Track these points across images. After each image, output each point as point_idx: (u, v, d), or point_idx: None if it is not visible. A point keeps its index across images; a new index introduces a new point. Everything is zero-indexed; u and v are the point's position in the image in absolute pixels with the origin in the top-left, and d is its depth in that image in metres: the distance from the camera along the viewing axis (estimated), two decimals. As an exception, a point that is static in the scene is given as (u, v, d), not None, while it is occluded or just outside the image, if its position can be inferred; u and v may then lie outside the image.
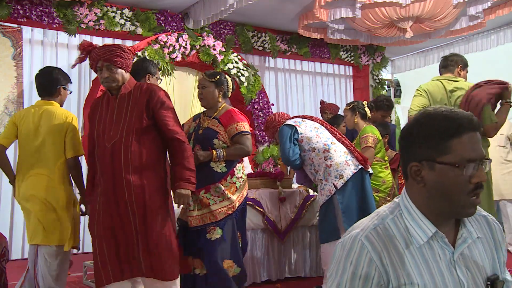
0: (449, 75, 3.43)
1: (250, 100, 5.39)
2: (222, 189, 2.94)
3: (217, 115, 3.06)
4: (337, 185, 3.28)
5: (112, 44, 2.66)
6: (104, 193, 2.48)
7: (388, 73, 7.43)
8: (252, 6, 4.66)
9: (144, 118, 2.48)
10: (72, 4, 4.53)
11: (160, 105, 2.52)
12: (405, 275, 1.10)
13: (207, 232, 2.90)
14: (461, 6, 4.56)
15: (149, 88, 2.55)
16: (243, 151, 3.02)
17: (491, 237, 1.23)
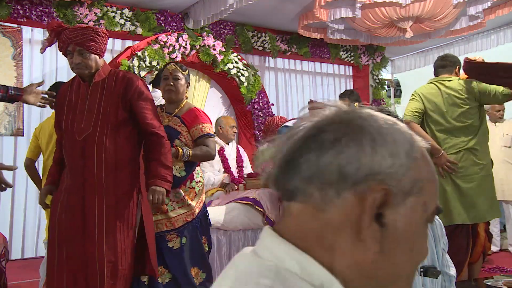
0: (446, 76, 3.41)
1: (250, 100, 5.39)
2: (182, 194, 2.76)
3: (179, 112, 2.84)
4: None
5: (85, 26, 2.46)
6: (70, 191, 2.27)
7: (388, 73, 7.43)
8: (252, 6, 4.66)
9: (120, 110, 2.27)
10: (72, 4, 4.53)
11: (138, 96, 2.31)
12: None
13: (168, 240, 2.72)
14: (461, 6, 4.56)
15: (126, 76, 2.34)
16: (210, 155, 2.84)
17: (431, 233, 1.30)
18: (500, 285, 2.35)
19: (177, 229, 2.72)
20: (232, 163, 4.49)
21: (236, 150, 4.64)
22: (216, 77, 5.36)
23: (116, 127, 2.27)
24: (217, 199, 4.19)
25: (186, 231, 2.74)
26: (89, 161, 2.24)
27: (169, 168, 2.34)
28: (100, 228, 2.23)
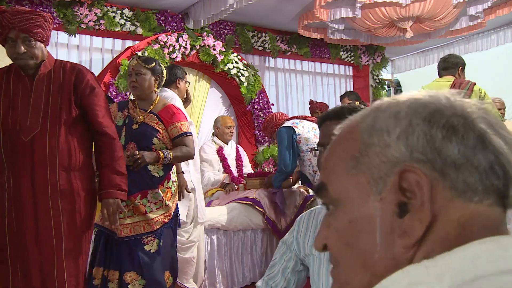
0: (450, 77, 3.40)
1: (250, 100, 5.39)
2: (161, 195, 2.62)
3: (154, 109, 2.70)
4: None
5: (29, 9, 2.09)
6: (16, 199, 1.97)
7: (388, 73, 7.43)
8: (252, 6, 4.66)
9: (73, 106, 2.03)
10: (72, 4, 4.52)
11: (90, 91, 2.06)
12: (309, 247, 1.40)
13: (145, 244, 2.56)
14: (461, 6, 4.56)
15: (75, 68, 2.07)
16: (190, 155, 2.73)
17: None
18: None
19: (155, 231, 2.59)
20: (231, 163, 4.50)
21: (235, 150, 4.64)
22: (216, 77, 5.36)
23: (69, 125, 2.02)
24: (217, 199, 4.19)
25: (162, 233, 2.62)
26: (40, 164, 1.97)
27: (123, 175, 2.12)
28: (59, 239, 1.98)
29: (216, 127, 4.59)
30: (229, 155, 4.50)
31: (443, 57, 3.59)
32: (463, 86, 3.24)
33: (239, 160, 4.58)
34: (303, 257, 1.43)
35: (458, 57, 3.52)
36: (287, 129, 3.51)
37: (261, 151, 5.22)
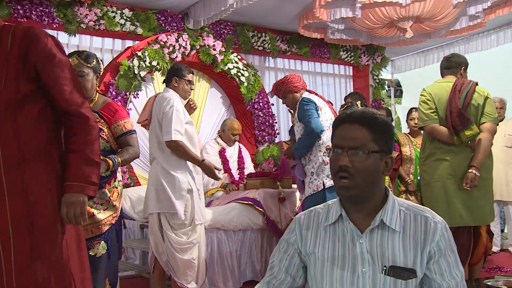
0: (451, 77, 3.39)
1: (250, 100, 5.39)
2: (107, 195, 2.48)
3: (94, 107, 2.52)
4: (326, 184, 3.29)
5: None
6: None
7: (388, 73, 7.43)
8: (252, 6, 4.66)
9: (22, 80, 1.58)
10: (72, 4, 4.53)
11: (48, 59, 1.61)
12: (311, 246, 1.40)
13: (90, 248, 2.37)
14: (461, 6, 4.56)
15: (28, 32, 1.60)
16: (136, 155, 2.62)
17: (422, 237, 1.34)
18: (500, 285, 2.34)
19: (103, 234, 2.43)
20: (233, 165, 4.49)
21: (238, 151, 4.63)
22: (216, 77, 5.36)
23: (17, 106, 1.57)
24: (217, 199, 4.19)
25: (109, 235, 2.47)
26: None
27: (95, 164, 1.66)
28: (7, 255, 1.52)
29: (222, 130, 4.59)
30: (231, 157, 4.49)
31: (446, 56, 3.57)
32: (465, 87, 3.23)
33: (241, 162, 4.57)
34: (304, 255, 1.43)
35: (461, 57, 3.50)
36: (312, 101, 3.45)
37: (261, 151, 5.22)
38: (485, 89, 3.28)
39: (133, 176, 4.50)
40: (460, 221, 3.19)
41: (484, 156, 3.15)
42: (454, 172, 3.20)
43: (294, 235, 1.45)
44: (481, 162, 3.14)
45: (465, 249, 3.22)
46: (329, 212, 1.42)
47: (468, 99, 3.20)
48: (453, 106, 3.19)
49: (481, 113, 3.22)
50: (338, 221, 1.39)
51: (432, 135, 3.28)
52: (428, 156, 3.33)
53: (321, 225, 1.42)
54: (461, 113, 3.15)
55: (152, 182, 3.16)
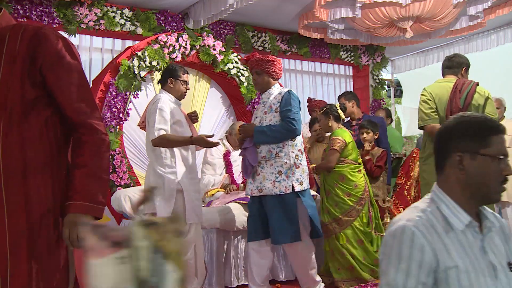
0: (452, 77, 3.39)
1: (250, 100, 5.38)
2: None
3: None
4: (296, 187, 3.21)
5: None
6: None
7: (388, 73, 7.43)
8: (252, 6, 4.66)
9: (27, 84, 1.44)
10: (72, 4, 4.52)
11: (56, 62, 1.47)
12: (449, 259, 1.27)
13: None
14: (461, 6, 4.56)
15: (38, 32, 1.47)
16: None
17: (501, 231, 1.41)
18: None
19: None
20: (236, 169, 4.46)
21: (243, 155, 4.60)
22: (216, 77, 5.36)
23: (22, 113, 1.44)
24: (217, 199, 4.19)
25: None
26: None
27: (102, 181, 1.52)
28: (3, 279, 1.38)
29: (229, 133, 4.59)
30: (235, 161, 4.47)
31: (448, 56, 3.57)
32: (466, 87, 3.23)
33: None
34: (441, 271, 1.27)
35: (463, 57, 3.50)
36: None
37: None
38: (486, 90, 3.28)
39: (133, 176, 4.50)
40: None
41: None
42: None
43: (428, 252, 1.26)
44: None
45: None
46: (449, 219, 1.33)
47: (469, 99, 3.20)
48: (453, 106, 3.19)
49: (481, 113, 3.22)
50: (466, 228, 1.34)
51: (432, 134, 3.28)
52: (429, 156, 3.34)
53: (445, 235, 1.31)
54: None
55: (145, 183, 3.26)
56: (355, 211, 3.71)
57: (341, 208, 3.71)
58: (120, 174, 4.32)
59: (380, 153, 4.21)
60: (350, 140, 3.81)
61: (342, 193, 3.71)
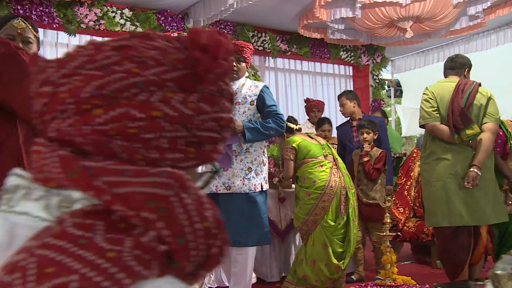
0: (455, 78, 3.40)
1: (250, 100, 5.39)
2: None
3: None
4: (264, 186, 3.13)
5: None
6: None
7: (388, 73, 7.43)
8: (252, 6, 4.66)
9: None
10: (72, 4, 4.53)
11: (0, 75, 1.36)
12: None
13: None
14: (461, 6, 4.56)
15: None
16: None
17: None
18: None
19: None
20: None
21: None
22: (216, 77, 5.37)
23: None
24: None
25: None
26: None
27: None
28: None
29: None
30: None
31: (450, 56, 3.57)
32: (468, 87, 3.23)
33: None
34: None
35: (465, 58, 3.51)
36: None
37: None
38: (488, 90, 3.29)
39: (133, 176, 4.51)
40: (459, 221, 3.19)
41: (485, 156, 3.16)
42: (455, 171, 3.20)
43: None
44: (482, 162, 3.14)
45: (465, 248, 3.22)
46: None
47: (471, 99, 3.20)
48: (455, 106, 3.19)
49: (483, 113, 3.23)
50: None
51: (433, 133, 3.29)
52: (429, 155, 3.34)
53: None
54: (463, 112, 3.15)
55: None
56: (319, 208, 3.45)
57: (304, 209, 3.50)
58: (120, 174, 4.33)
59: (379, 154, 4.07)
60: (298, 141, 3.68)
61: (304, 194, 3.53)
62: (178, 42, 0.54)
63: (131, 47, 0.50)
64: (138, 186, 0.44)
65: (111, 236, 0.43)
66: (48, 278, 0.39)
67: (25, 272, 0.40)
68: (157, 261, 0.43)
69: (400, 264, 4.43)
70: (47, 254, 0.41)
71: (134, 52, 0.50)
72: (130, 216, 0.44)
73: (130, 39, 0.52)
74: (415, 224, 4.56)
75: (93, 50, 0.50)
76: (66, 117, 0.48)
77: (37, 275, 0.40)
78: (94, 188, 0.44)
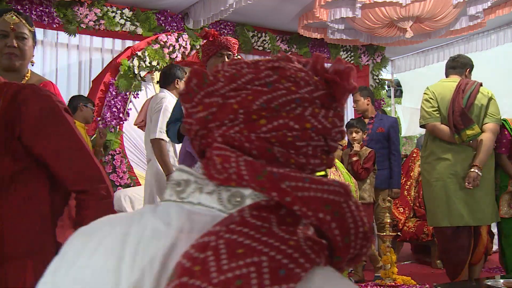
0: (456, 77, 3.40)
1: (250, 100, 5.39)
2: None
3: None
4: None
5: None
6: None
7: (388, 73, 7.43)
8: (252, 6, 4.66)
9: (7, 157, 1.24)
10: (72, 4, 4.52)
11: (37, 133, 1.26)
12: None
13: None
14: (461, 6, 4.56)
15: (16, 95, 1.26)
16: None
17: None
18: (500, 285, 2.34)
19: None
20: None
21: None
22: (216, 77, 5.36)
23: (4, 189, 1.25)
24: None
25: None
26: None
27: None
28: None
29: None
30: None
31: (452, 56, 3.58)
32: (469, 87, 3.23)
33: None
34: None
35: (467, 58, 3.51)
36: None
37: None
38: (489, 90, 3.29)
39: (133, 176, 4.50)
40: (460, 221, 3.18)
41: (485, 156, 3.16)
42: (455, 171, 3.20)
43: None
44: (483, 162, 3.14)
45: (465, 248, 3.22)
46: None
47: (472, 99, 3.20)
48: (456, 105, 3.19)
49: (484, 113, 3.22)
50: None
51: (433, 133, 3.29)
52: (429, 155, 3.34)
53: None
54: (464, 112, 3.15)
55: (147, 183, 3.19)
56: None
57: None
58: (120, 174, 4.32)
59: (368, 153, 4.01)
60: None
61: None
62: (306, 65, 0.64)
63: (283, 68, 0.60)
64: (317, 191, 0.53)
65: (285, 227, 0.51)
66: (240, 257, 0.47)
67: (217, 251, 0.48)
68: (323, 252, 0.51)
69: (400, 264, 4.42)
70: (235, 238, 0.49)
71: (288, 73, 0.60)
72: (308, 216, 0.52)
73: (279, 61, 0.62)
74: (415, 224, 4.55)
75: (253, 69, 0.60)
76: (234, 125, 0.57)
77: (229, 254, 0.48)
78: (280, 190, 0.52)
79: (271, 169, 0.54)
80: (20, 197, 1.26)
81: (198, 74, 0.61)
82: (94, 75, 4.79)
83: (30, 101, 1.25)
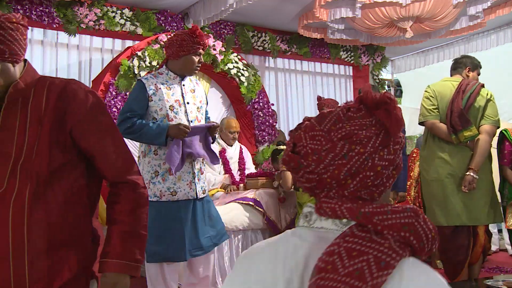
0: (458, 77, 3.41)
1: (250, 100, 5.39)
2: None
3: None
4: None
5: None
6: None
7: (388, 73, 7.43)
8: (252, 6, 4.66)
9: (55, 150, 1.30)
10: (72, 4, 4.53)
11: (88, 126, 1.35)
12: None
13: None
14: (461, 6, 4.56)
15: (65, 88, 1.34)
16: None
17: None
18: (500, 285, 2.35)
19: None
20: (233, 166, 4.47)
21: (239, 151, 4.62)
22: (216, 77, 5.36)
23: (48, 182, 1.29)
24: (217, 199, 4.19)
25: None
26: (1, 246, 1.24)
27: (140, 237, 1.40)
28: None
29: (220, 129, 4.57)
30: (231, 157, 4.48)
31: (456, 57, 3.63)
32: (470, 87, 3.24)
33: (242, 163, 4.56)
34: None
35: (468, 57, 3.52)
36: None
37: (261, 151, 5.22)
38: (489, 91, 3.29)
39: (133, 176, 4.51)
40: (456, 220, 3.20)
41: (481, 158, 3.17)
42: (453, 171, 3.21)
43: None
44: (479, 164, 3.16)
45: (464, 248, 3.23)
46: None
47: (471, 100, 3.21)
48: (455, 106, 3.20)
49: (481, 115, 3.23)
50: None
51: (432, 131, 3.30)
52: (428, 154, 3.35)
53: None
54: (462, 113, 3.15)
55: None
56: None
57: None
58: (120, 174, 4.33)
59: None
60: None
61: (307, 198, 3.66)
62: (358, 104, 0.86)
63: (349, 133, 0.82)
64: (396, 219, 0.76)
65: (380, 236, 0.75)
66: (355, 257, 0.73)
67: (340, 255, 0.74)
68: (407, 249, 0.75)
69: (400, 264, 4.43)
70: (350, 246, 0.74)
71: (354, 137, 0.81)
72: (393, 235, 0.75)
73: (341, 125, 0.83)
74: (415, 224, 4.56)
75: (330, 144, 0.82)
76: (331, 189, 0.83)
77: (348, 255, 0.73)
78: (372, 223, 0.76)
79: (363, 210, 0.77)
80: (64, 188, 1.33)
81: (293, 160, 0.84)
82: (94, 75, 4.79)
83: (80, 95, 1.35)
